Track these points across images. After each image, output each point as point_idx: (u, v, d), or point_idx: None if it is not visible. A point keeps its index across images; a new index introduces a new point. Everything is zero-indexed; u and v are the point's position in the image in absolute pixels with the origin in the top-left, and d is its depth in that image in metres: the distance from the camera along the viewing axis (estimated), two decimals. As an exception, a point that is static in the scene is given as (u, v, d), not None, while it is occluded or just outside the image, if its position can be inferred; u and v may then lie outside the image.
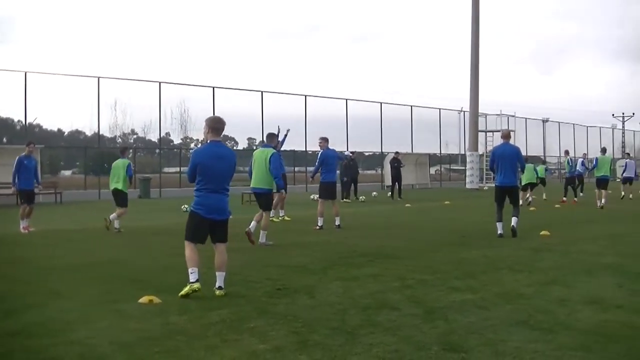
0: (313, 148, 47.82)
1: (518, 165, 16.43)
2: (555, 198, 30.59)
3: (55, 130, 52.47)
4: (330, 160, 18.40)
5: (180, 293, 8.74)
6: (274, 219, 19.74)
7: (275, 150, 15.31)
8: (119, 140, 46.93)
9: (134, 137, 51.36)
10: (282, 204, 21.20)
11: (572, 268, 11.26)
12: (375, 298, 8.74)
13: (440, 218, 22.11)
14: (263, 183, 14.84)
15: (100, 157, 48.61)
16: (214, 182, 9.08)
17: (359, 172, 37.55)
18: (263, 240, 14.56)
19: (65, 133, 54.37)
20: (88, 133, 45.84)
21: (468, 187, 48.74)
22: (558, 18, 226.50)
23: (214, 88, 42.18)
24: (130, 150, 25.74)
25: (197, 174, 9.11)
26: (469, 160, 49.76)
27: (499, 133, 54.04)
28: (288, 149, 47.78)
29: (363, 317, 7.69)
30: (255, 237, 14.30)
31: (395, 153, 37.06)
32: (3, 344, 6.67)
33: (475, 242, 14.91)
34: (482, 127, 53.77)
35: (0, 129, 49.47)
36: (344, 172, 32.93)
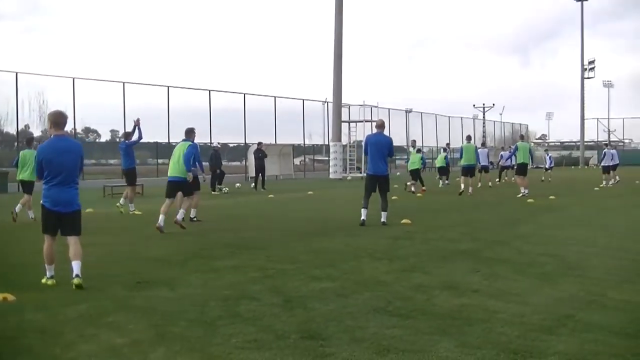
0: (176, 139, 47.42)
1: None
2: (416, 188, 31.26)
3: None
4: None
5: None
6: (121, 210, 19.82)
7: (192, 143, 16.24)
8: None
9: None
10: (131, 198, 20.68)
11: (430, 255, 11.56)
12: (235, 289, 8.77)
13: (303, 208, 22.24)
14: (179, 172, 15.85)
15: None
16: (60, 175, 9.08)
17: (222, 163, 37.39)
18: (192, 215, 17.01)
19: None
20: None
21: (332, 177, 49.11)
22: (421, 8, 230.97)
23: (74, 79, 41.15)
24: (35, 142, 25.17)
25: (43, 169, 9.13)
26: (333, 151, 50.11)
27: (362, 124, 55.06)
28: (151, 141, 47.28)
29: (223, 308, 7.71)
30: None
31: (259, 144, 36.97)
32: None
33: (337, 231, 15.10)
34: (345, 117, 54.27)
35: None
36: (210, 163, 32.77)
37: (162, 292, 8.74)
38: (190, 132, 16.67)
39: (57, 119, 9.33)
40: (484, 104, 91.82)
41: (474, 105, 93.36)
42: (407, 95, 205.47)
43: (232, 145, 56.37)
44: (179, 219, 15.60)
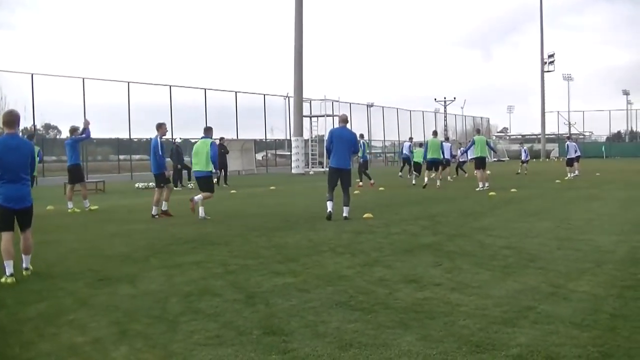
0: (137, 135, 47.18)
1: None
2: (380, 181, 31.34)
3: None
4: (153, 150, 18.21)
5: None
6: (76, 209, 19.73)
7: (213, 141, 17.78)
8: None
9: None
10: (84, 194, 20.48)
11: (392, 249, 11.57)
12: (198, 285, 8.73)
13: (266, 203, 22.20)
14: (204, 167, 17.19)
15: None
16: (11, 172, 9.36)
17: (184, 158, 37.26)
18: (201, 214, 17.17)
19: None
20: None
21: (294, 172, 49.15)
22: (383, 2, 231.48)
23: (33, 75, 40.74)
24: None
25: None
26: (295, 146, 50.15)
27: (324, 118, 55.04)
28: (112, 137, 47.00)
29: (185, 304, 7.68)
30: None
31: (220, 139, 36.92)
32: None
33: (299, 226, 15.12)
34: (306, 112, 54.28)
35: None
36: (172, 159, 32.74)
37: (124, 289, 8.68)
38: (209, 129, 18.21)
39: (7, 118, 9.68)
40: (445, 98, 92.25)
41: (436, 99, 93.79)
42: (368, 90, 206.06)
43: (193, 141, 56.00)
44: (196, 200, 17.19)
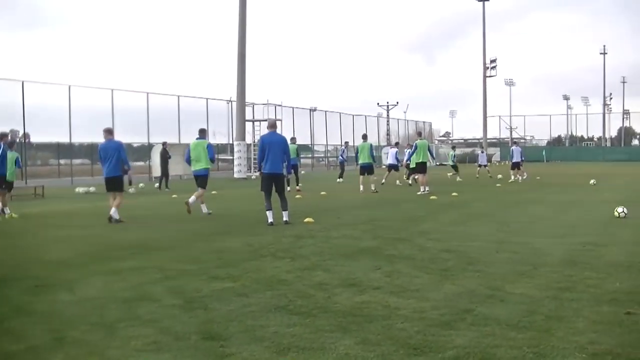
0: (78, 139, 46.65)
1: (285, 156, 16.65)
2: (320, 187, 31.38)
3: None
4: (104, 153, 17.92)
5: None
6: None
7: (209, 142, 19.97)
8: None
9: None
10: (3, 201, 20.18)
11: (332, 253, 11.59)
12: (136, 291, 8.68)
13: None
14: (204, 166, 19.31)
15: None
16: None
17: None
18: (205, 210, 19.36)
19: None
20: None
21: (236, 176, 48.97)
22: (326, 7, 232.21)
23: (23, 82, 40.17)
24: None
25: None
26: (237, 150, 49.96)
27: (266, 123, 55.13)
28: (53, 141, 46.38)
29: (123, 310, 7.63)
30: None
31: (163, 144, 36.79)
32: None
33: (240, 230, 15.10)
34: (249, 116, 54.17)
35: None
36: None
37: (61, 295, 8.58)
38: (204, 131, 20.45)
39: None
40: (388, 102, 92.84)
41: (378, 104, 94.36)
42: (311, 94, 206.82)
43: (135, 145, 55.67)
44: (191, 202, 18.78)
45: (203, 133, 20.13)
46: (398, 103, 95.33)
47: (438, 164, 72.41)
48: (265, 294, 8.33)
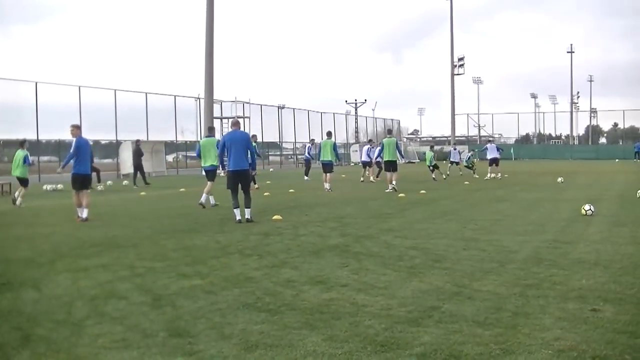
0: (45, 136, 46.32)
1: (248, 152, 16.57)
2: (288, 184, 31.34)
3: None
4: (84, 149, 17.74)
5: None
6: None
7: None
8: None
9: None
10: None
11: (300, 250, 11.62)
12: (104, 288, 8.65)
13: (175, 206, 22.11)
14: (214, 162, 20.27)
15: None
16: None
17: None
18: (212, 202, 20.80)
19: None
20: None
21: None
22: (294, 5, 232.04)
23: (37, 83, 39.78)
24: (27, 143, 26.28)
25: None
26: (205, 147, 49.81)
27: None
28: (20, 138, 45.93)
29: (90, 308, 7.60)
30: None
31: (137, 141, 36.98)
32: None
33: (208, 227, 15.08)
34: (217, 114, 54.08)
35: None
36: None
37: (27, 293, 8.55)
38: (212, 129, 22.19)
39: None
40: (356, 100, 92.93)
41: (347, 101, 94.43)
42: (280, 92, 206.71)
43: (103, 142, 55.39)
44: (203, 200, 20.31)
45: (212, 131, 21.66)
46: (366, 101, 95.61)
47: (407, 162, 72.58)
48: (233, 291, 8.34)
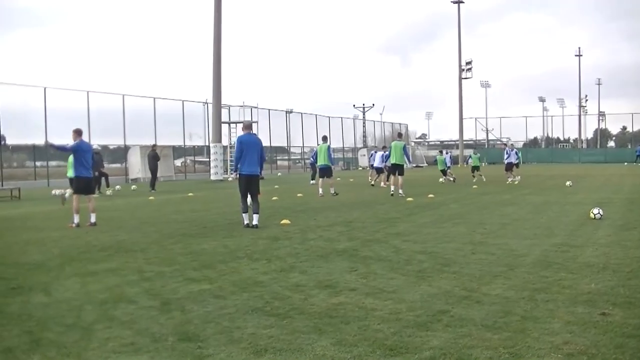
0: (54, 142, 46.29)
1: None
2: (296, 189, 31.35)
3: None
4: (85, 154, 17.66)
5: None
6: None
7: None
8: None
9: None
10: None
11: (308, 255, 11.62)
12: (113, 292, 8.67)
13: (183, 210, 22.04)
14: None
15: None
16: None
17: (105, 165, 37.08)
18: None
19: None
20: None
21: (213, 178, 48.98)
22: (302, 9, 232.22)
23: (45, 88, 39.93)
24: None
25: None
26: (213, 152, 49.93)
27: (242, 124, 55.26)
28: (28, 144, 46.12)
29: (99, 312, 7.62)
30: None
31: (153, 146, 37.27)
32: None
33: (216, 232, 15.09)
34: (225, 118, 54.09)
35: None
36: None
37: (37, 297, 8.56)
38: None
39: None
40: (364, 104, 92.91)
41: (354, 106, 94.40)
42: (287, 96, 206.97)
43: (112, 147, 55.47)
44: None
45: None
46: (374, 105, 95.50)
47: (414, 166, 72.54)
48: (242, 296, 8.34)
